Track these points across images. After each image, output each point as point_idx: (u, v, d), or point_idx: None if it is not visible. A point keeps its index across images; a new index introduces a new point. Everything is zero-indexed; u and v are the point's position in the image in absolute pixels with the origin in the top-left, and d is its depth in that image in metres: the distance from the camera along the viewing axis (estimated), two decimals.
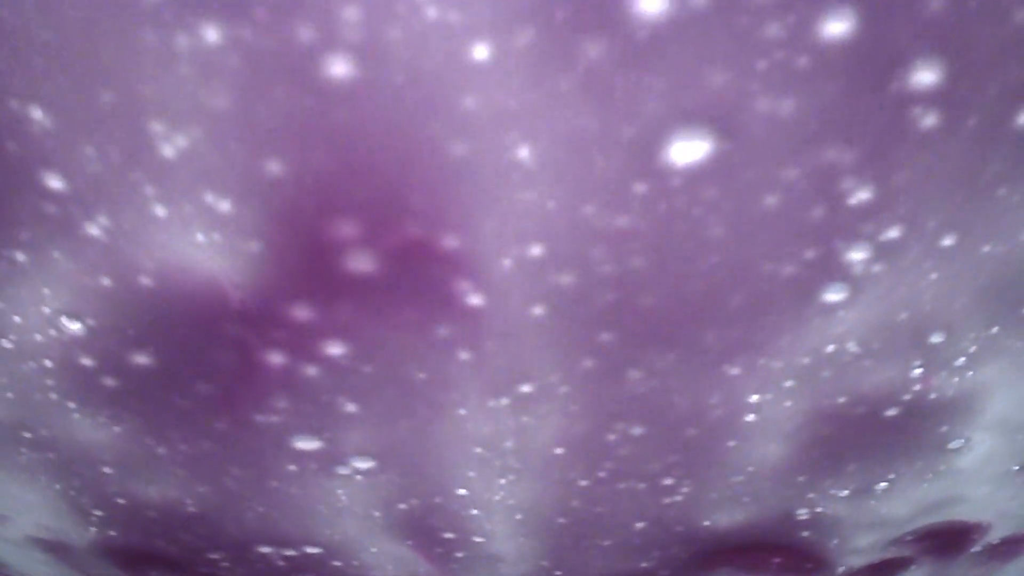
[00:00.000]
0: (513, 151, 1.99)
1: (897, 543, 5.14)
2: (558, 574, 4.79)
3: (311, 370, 2.82)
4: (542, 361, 2.68)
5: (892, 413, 3.40)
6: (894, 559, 5.55)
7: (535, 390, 2.77)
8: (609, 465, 3.40)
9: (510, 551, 4.49)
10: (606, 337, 2.76)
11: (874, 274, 2.80)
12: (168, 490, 3.30)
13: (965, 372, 3.20)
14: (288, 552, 4.14)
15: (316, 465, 3.21)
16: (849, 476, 3.84)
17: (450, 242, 2.44)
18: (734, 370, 3.17)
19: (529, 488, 3.41)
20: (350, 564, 4.70)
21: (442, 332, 2.82)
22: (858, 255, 2.75)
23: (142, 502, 3.46)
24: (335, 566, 4.64)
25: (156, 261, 2.12)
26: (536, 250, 2.29)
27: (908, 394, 3.29)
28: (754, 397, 3.22)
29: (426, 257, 2.52)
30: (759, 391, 3.20)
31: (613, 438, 3.23)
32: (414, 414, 3.14)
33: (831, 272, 2.82)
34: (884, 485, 3.95)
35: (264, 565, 4.52)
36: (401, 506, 4.06)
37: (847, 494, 4.02)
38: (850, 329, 3.04)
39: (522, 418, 2.86)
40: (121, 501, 3.48)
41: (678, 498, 3.78)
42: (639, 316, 2.72)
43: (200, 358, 2.52)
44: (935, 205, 2.58)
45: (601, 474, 3.47)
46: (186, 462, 3.04)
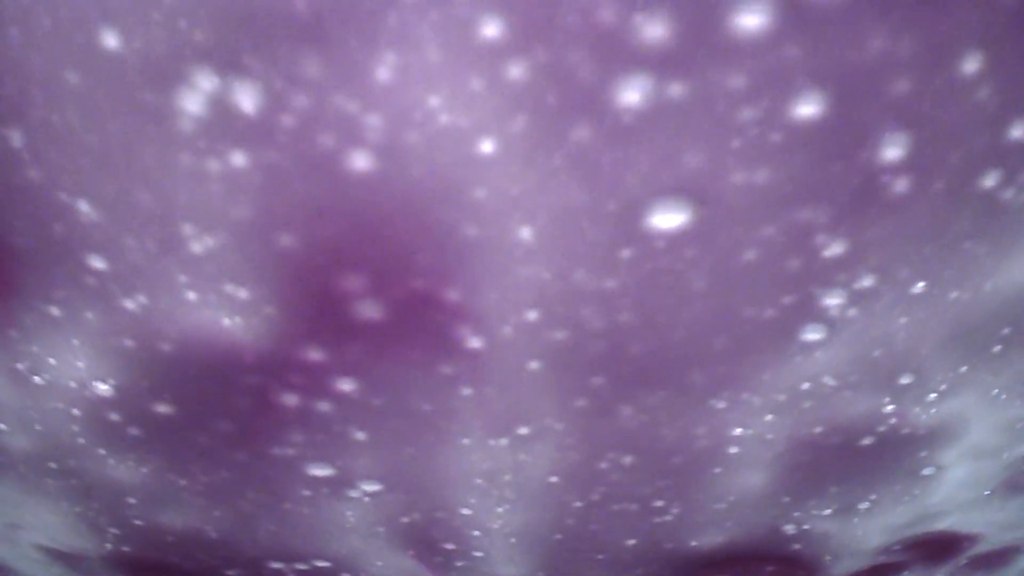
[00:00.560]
0: (516, 232, 2.16)
1: (887, 551, 5.32)
2: None
3: (324, 405, 3.00)
4: (538, 405, 2.85)
5: (868, 442, 3.58)
6: (887, 564, 5.72)
7: (532, 432, 2.95)
8: (602, 489, 3.59)
9: (508, 562, 4.68)
10: (598, 381, 2.94)
11: (849, 317, 2.97)
12: (186, 514, 3.49)
13: (937, 406, 3.38)
14: (299, 566, 4.34)
15: (328, 489, 3.40)
16: (832, 497, 4.02)
17: (453, 295, 2.62)
18: (720, 404, 3.35)
19: (526, 511, 3.60)
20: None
21: (446, 370, 3.00)
22: (834, 300, 2.92)
23: (159, 523, 3.65)
24: None
25: (181, 331, 2.31)
26: (532, 315, 2.47)
27: (883, 425, 3.47)
28: (737, 431, 3.40)
29: (430, 308, 2.70)
30: (742, 424, 3.38)
31: (605, 466, 3.41)
32: (420, 442, 3.32)
33: (809, 315, 2.99)
34: (866, 505, 4.13)
35: None
36: (404, 519, 4.26)
37: (831, 513, 4.20)
38: (828, 365, 3.21)
39: (520, 456, 3.04)
40: (139, 523, 3.68)
41: (668, 518, 3.96)
42: (628, 362, 2.90)
43: (220, 404, 2.70)
44: (905, 257, 2.75)
45: (595, 497, 3.66)
46: (205, 490, 3.24)
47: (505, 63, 1.98)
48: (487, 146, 2.01)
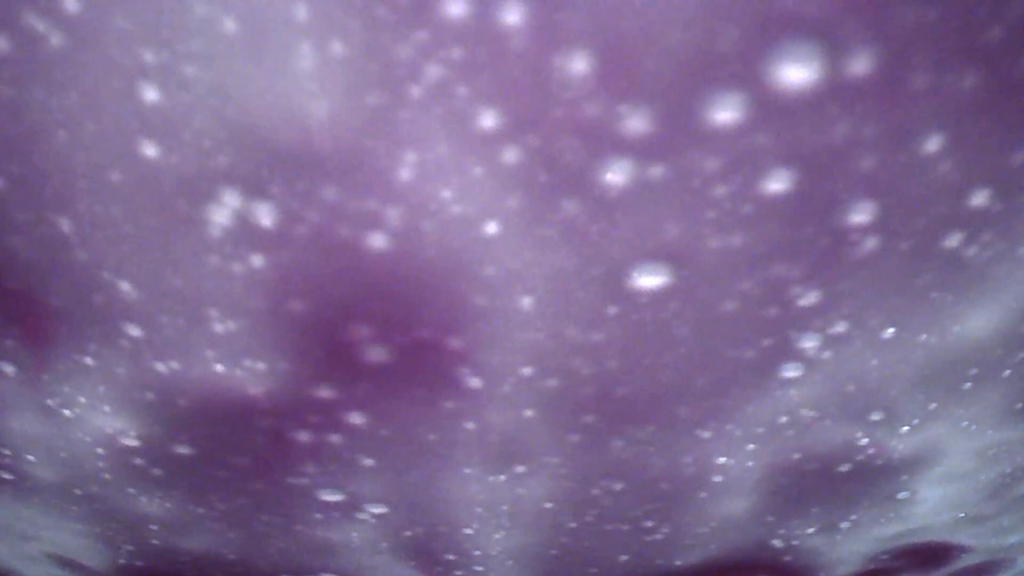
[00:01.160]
0: (518, 302, 2.37)
1: (876, 559, 5.52)
2: None
3: (335, 437, 3.21)
4: (534, 446, 3.06)
5: (845, 469, 3.78)
6: (880, 570, 5.92)
7: (528, 470, 3.16)
8: (595, 512, 3.80)
9: (505, 574, 4.91)
10: (589, 419, 3.14)
11: (824, 358, 3.17)
12: (202, 536, 3.71)
13: (911, 437, 3.58)
14: None
15: (339, 513, 3.62)
16: (814, 516, 4.23)
17: (456, 344, 2.83)
18: (705, 434, 3.56)
19: (523, 534, 3.81)
20: None
21: (448, 405, 3.21)
22: (810, 343, 3.12)
23: (175, 544, 3.87)
24: None
25: (204, 389, 2.52)
26: (527, 371, 2.67)
27: (860, 455, 3.67)
28: (721, 459, 3.60)
29: (434, 353, 2.90)
30: (726, 453, 3.58)
31: (597, 492, 3.62)
32: (425, 468, 3.53)
33: (787, 355, 3.19)
34: (847, 524, 4.34)
35: None
36: (406, 533, 4.48)
37: (814, 531, 4.41)
38: (805, 399, 3.41)
39: (517, 490, 3.25)
40: (155, 542, 3.90)
41: (659, 536, 4.17)
42: (618, 402, 3.10)
43: (237, 443, 2.91)
44: (876, 306, 2.94)
45: (588, 519, 3.87)
46: (221, 516, 3.45)
47: (501, 149, 2.18)
48: (492, 227, 2.21)
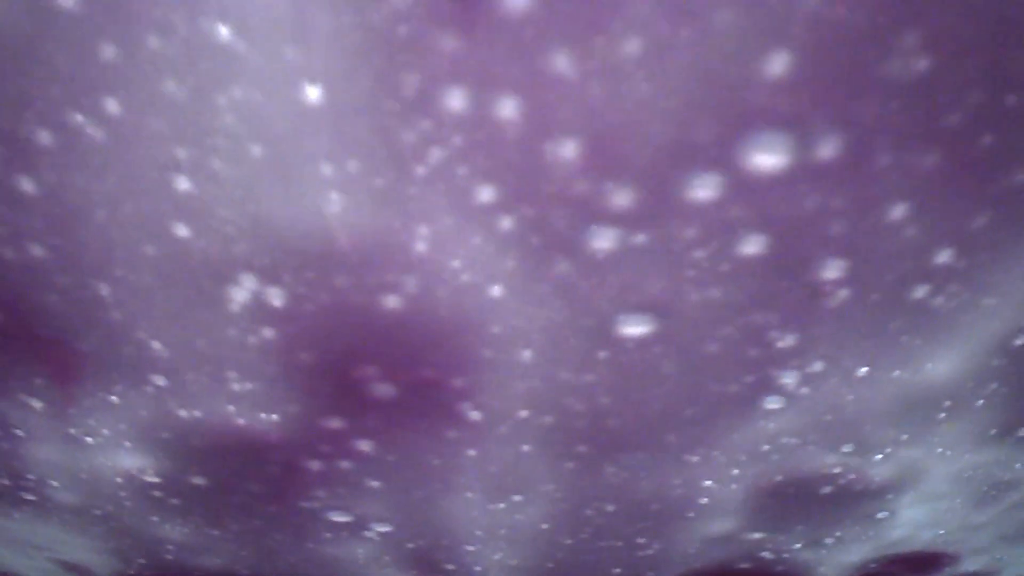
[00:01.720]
0: (519, 354, 2.58)
1: (865, 568, 5.72)
2: None
3: (344, 463, 3.43)
4: (530, 476, 3.28)
5: (827, 491, 3.99)
6: (872, 574, 6.13)
7: (525, 499, 3.38)
8: (589, 530, 4.01)
9: None
10: (583, 448, 3.35)
11: (803, 393, 3.37)
12: (215, 553, 3.95)
13: (888, 462, 3.78)
14: None
15: (347, 532, 3.84)
16: (799, 533, 4.44)
17: (458, 383, 3.04)
18: (694, 458, 3.77)
19: (521, 553, 4.04)
20: None
21: (451, 435, 3.42)
22: (789, 379, 3.31)
23: (188, 560, 4.11)
24: None
25: (222, 431, 2.74)
26: (524, 413, 2.88)
27: (841, 478, 3.87)
28: (708, 482, 3.81)
29: (438, 390, 3.12)
30: (712, 476, 3.79)
31: (591, 513, 3.83)
32: (428, 489, 3.75)
33: (768, 389, 3.39)
34: (831, 540, 4.55)
35: None
36: (409, 546, 4.72)
37: (800, 546, 4.62)
38: (786, 428, 3.61)
39: (515, 516, 3.47)
40: (168, 557, 4.14)
41: (650, 551, 4.39)
42: (609, 432, 3.31)
43: (252, 473, 3.13)
44: (850, 348, 3.14)
45: (583, 536, 4.08)
46: (235, 536, 3.68)
47: (497, 218, 2.39)
48: (497, 290, 2.43)
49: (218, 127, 1.82)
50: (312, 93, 2.06)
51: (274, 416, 2.61)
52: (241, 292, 2.08)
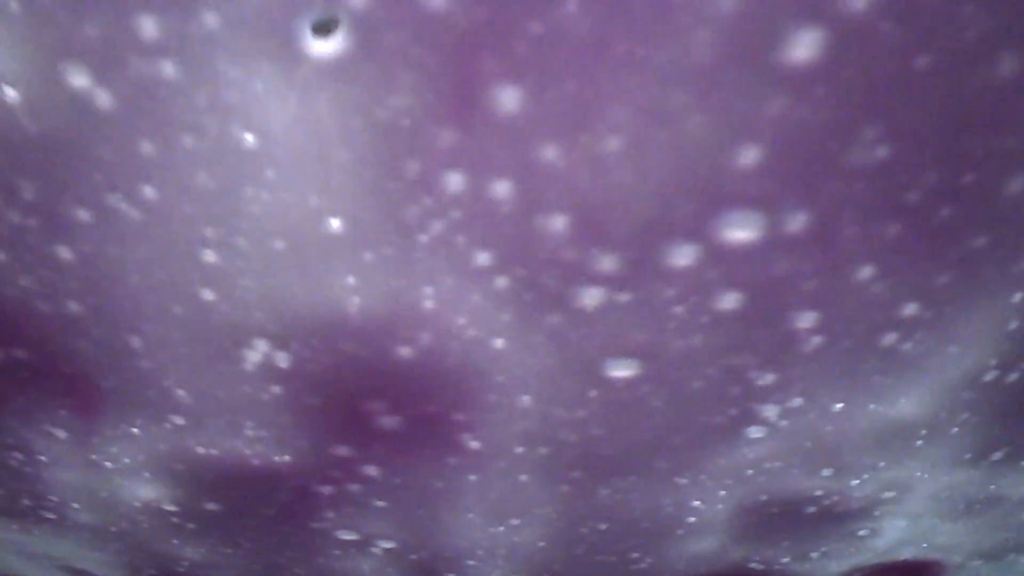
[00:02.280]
0: (520, 399, 2.81)
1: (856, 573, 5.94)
2: None
3: (353, 486, 3.67)
4: (527, 502, 3.51)
5: (811, 510, 4.21)
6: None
7: (523, 522, 3.61)
8: (583, 546, 4.25)
9: None
10: (577, 474, 3.58)
11: (783, 425, 3.57)
12: (227, 568, 4.21)
13: (869, 485, 3.99)
14: None
15: (354, 549, 4.09)
16: (785, 548, 4.67)
17: (460, 417, 3.28)
18: (682, 481, 3.99)
19: (518, 568, 4.29)
20: None
21: (453, 461, 3.66)
22: (770, 412, 3.52)
23: (199, 573, 4.38)
24: None
25: (237, 466, 2.97)
26: (520, 449, 3.11)
27: (824, 499, 4.09)
28: (696, 502, 4.04)
29: (441, 422, 3.35)
30: (700, 497, 4.02)
31: (585, 531, 4.06)
32: (431, 510, 3.99)
33: (751, 420, 3.60)
34: (816, 554, 4.77)
35: None
36: (412, 557, 4.98)
37: (788, 560, 4.85)
38: (769, 454, 3.83)
39: (513, 538, 3.71)
40: (180, 570, 4.41)
41: (643, 565, 4.62)
42: (602, 459, 3.53)
43: (264, 499, 3.38)
44: (826, 386, 3.34)
45: (577, 552, 4.32)
46: (248, 554, 3.93)
47: (493, 279, 2.60)
48: (499, 343, 2.66)
49: (244, 214, 2.04)
50: (333, 223, 2.28)
51: (287, 456, 2.85)
52: (255, 354, 2.31)
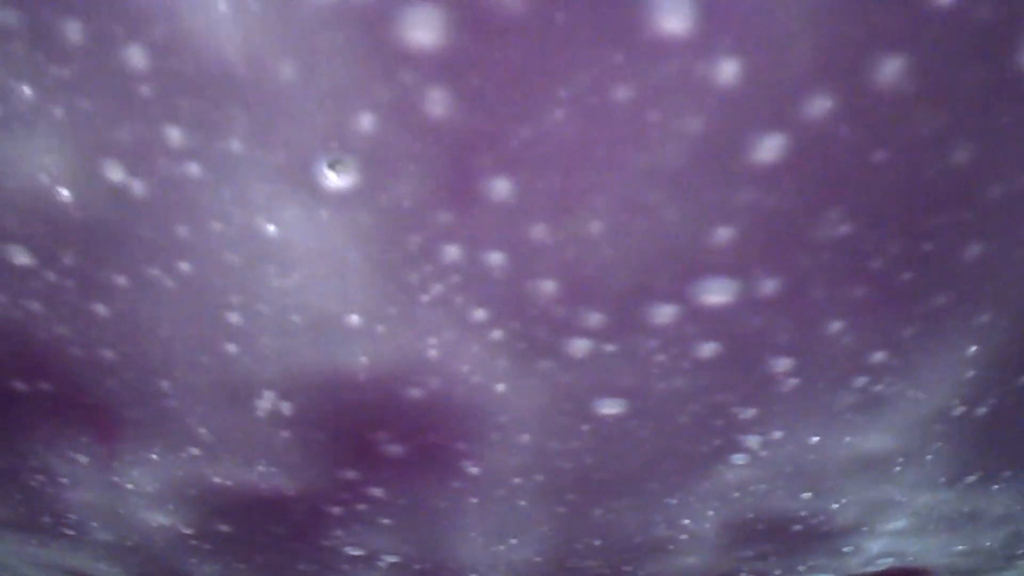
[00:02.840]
0: (519, 438, 3.06)
1: None
2: None
3: (361, 506, 3.94)
4: (525, 523, 3.77)
5: (798, 528, 4.45)
6: None
7: (520, 542, 3.87)
8: (577, 560, 4.51)
9: None
10: (572, 496, 3.83)
11: (764, 455, 3.80)
12: None
13: (848, 508, 4.21)
14: None
15: (362, 563, 4.38)
16: (773, 563, 4.91)
17: (461, 446, 3.53)
18: (672, 501, 4.24)
19: None
20: None
21: (455, 485, 3.92)
22: (752, 442, 3.75)
23: None
24: None
25: (251, 493, 3.25)
26: (518, 480, 3.37)
27: (810, 519, 4.32)
28: (686, 521, 4.28)
29: (443, 451, 3.61)
30: (690, 516, 4.27)
31: (580, 547, 4.32)
32: (435, 528, 4.27)
33: (734, 449, 3.83)
34: (804, 568, 5.01)
35: None
36: (416, 568, 5.28)
37: (779, 573, 5.09)
38: (753, 478, 4.06)
39: (512, 557, 3.97)
40: None
41: None
42: (596, 483, 3.78)
43: (275, 520, 3.65)
44: (803, 421, 3.56)
45: (571, 565, 4.59)
46: (260, 568, 4.23)
47: (489, 332, 2.84)
48: (501, 387, 2.91)
49: (267, 288, 2.29)
50: (353, 318, 2.52)
51: (298, 483, 3.11)
52: (264, 404, 2.57)
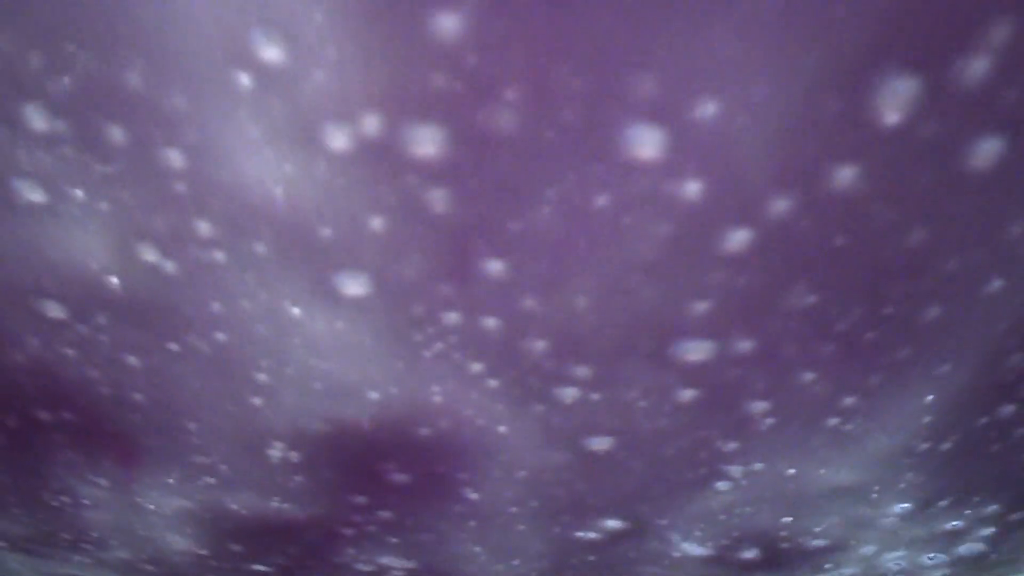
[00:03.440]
0: (518, 473, 3.35)
1: None
2: None
3: (370, 528, 4.24)
4: (524, 544, 4.06)
5: (785, 547, 4.72)
6: None
7: (521, 561, 4.17)
8: (572, 573, 4.81)
9: None
10: (567, 518, 4.11)
11: (745, 484, 4.07)
12: None
13: (828, 532, 4.48)
14: None
15: None
16: None
17: (463, 476, 3.82)
18: (663, 522, 4.52)
19: None
20: None
21: (456, 508, 4.22)
22: (735, 470, 4.02)
23: None
24: None
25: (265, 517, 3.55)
26: (514, 509, 3.65)
27: (792, 540, 4.59)
28: (675, 537, 4.56)
29: (445, 479, 3.90)
30: (679, 533, 4.54)
31: (575, 562, 4.62)
32: (438, 544, 4.57)
33: (719, 476, 4.09)
34: None
35: None
36: None
37: None
38: (736, 502, 4.33)
39: (511, 572, 4.27)
40: None
41: None
42: (589, 507, 4.06)
43: (288, 541, 3.96)
44: (780, 454, 3.82)
45: None
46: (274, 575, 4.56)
47: (487, 381, 3.11)
48: (503, 429, 3.19)
49: (293, 354, 2.57)
50: (373, 395, 2.78)
51: (312, 512, 3.41)
52: (275, 452, 2.87)
